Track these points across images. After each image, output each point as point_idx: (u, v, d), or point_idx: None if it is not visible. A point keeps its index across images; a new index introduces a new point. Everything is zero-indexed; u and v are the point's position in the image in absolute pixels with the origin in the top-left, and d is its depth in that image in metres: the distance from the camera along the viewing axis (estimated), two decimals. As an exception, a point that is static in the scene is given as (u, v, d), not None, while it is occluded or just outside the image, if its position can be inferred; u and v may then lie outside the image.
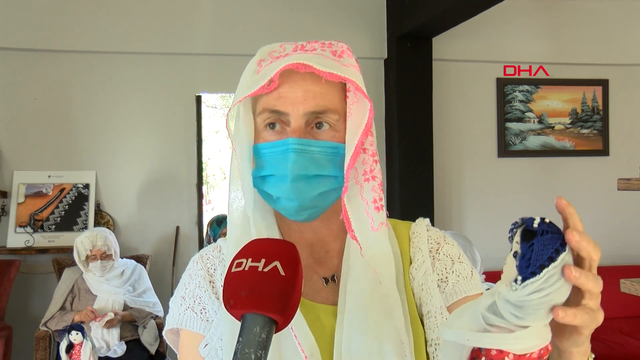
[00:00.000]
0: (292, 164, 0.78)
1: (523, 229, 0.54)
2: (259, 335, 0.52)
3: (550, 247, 0.52)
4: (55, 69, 3.90)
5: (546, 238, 0.52)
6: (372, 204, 0.82)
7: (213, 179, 12.60)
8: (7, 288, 3.58)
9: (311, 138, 0.80)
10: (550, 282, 0.52)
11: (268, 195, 0.82)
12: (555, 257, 0.52)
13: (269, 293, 0.53)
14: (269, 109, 0.80)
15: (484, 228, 4.25)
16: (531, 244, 0.52)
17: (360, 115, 0.81)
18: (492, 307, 0.55)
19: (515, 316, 0.53)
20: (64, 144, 3.91)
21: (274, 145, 0.80)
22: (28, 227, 3.77)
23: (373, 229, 0.82)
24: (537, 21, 4.44)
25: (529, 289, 0.52)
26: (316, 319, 0.83)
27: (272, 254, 0.56)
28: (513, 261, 0.54)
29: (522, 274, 0.52)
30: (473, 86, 4.38)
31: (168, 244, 4.00)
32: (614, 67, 4.54)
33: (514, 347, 0.54)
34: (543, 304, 0.52)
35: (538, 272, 0.52)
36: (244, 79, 0.84)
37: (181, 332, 0.89)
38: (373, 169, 0.83)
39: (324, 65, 0.78)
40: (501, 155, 4.39)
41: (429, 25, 3.75)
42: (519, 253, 0.53)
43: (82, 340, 2.85)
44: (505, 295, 0.54)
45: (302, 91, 0.79)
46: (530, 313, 0.53)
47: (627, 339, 3.75)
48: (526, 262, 0.52)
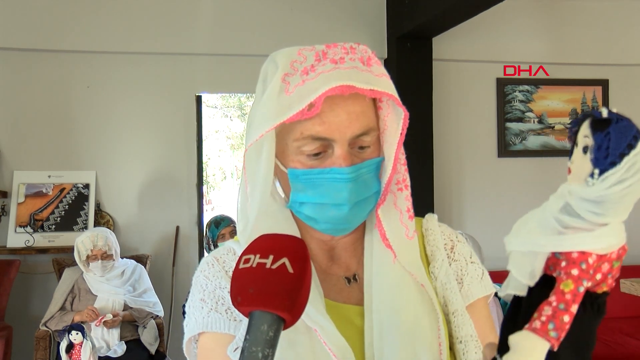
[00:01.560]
0: (349, 193, 0.76)
1: (592, 119, 0.50)
2: (267, 333, 0.52)
3: (629, 134, 0.48)
4: (55, 69, 3.89)
5: (622, 125, 0.49)
6: (407, 212, 0.83)
7: (213, 179, 12.58)
8: (7, 288, 3.57)
9: (357, 160, 0.78)
10: (633, 171, 0.48)
11: (311, 219, 0.81)
12: (635, 144, 0.48)
13: (277, 290, 0.52)
14: (311, 135, 0.75)
15: (484, 228, 4.24)
16: (607, 133, 0.48)
17: (394, 126, 0.80)
18: (565, 208, 0.51)
19: (595, 213, 0.49)
20: (64, 144, 3.91)
21: (323, 172, 0.77)
22: (28, 227, 3.76)
23: (408, 237, 0.83)
24: (537, 21, 4.44)
25: (609, 181, 0.48)
26: (344, 319, 0.82)
27: (280, 251, 0.55)
28: (584, 157, 0.50)
29: (599, 166, 0.48)
30: (473, 86, 4.38)
31: (168, 244, 4.00)
32: (614, 67, 4.54)
33: (596, 247, 0.50)
34: (624, 197, 0.48)
35: (618, 161, 0.48)
36: (269, 99, 0.75)
37: (203, 336, 0.84)
38: (405, 179, 0.83)
39: (365, 82, 0.74)
40: (501, 155, 4.39)
41: (429, 25, 3.75)
42: (592, 145, 0.49)
43: (82, 340, 2.84)
44: (581, 193, 0.49)
45: (346, 114, 0.75)
46: (612, 207, 0.49)
47: (627, 339, 3.75)
48: (604, 153, 0.48)
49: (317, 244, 0.87)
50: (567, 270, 0.50)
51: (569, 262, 0.50)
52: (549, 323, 0.50)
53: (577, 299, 0.50)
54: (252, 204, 0.81)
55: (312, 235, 0.87)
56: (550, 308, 0.50)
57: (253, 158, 0.80)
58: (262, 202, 0.80)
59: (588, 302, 0.51)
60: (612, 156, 0.48)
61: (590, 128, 0.50)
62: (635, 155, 0.48)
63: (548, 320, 0.50)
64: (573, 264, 0.50)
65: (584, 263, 0.50)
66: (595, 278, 0.51)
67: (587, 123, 0.50)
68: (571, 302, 0.50)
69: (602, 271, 0.51)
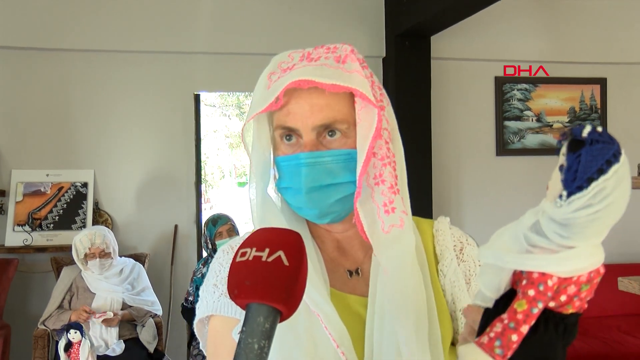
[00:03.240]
0: (304, 177, 0.82)
1: (571, 139, 0.48)
2: (263, 325, 0.52)
3: (601, 158, 0.46)
4: (53, 68, 3.89)
5: (596, 148, 0.46)
6: (382, 207, 0.84)
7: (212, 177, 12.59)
8: (6, 287, 3.57)
9: (323, 148, 0.83)
10: (600, 198, 0.45)
11: (291, 204, 0.88)
12: (606, 170, 0.46)
13: (273, 283, 0.53)
14: (280, 125, 0.85)
15: (482, 227, 4.25)
16: (578, 155, 0.46)
17: (369, 120, 0.82)
18: (535, 227, 0.50)
19: (560, 235, 0.47)
20: (62, 143, 3.91)
21: (289, 159, 0.84)
22: (26, 226, 3.76)
23: (384, 231, 0.84)
24: (535, 20, 4.44)
25: (574, 205, 0.46)
26: (348, 309, 0.86)
27: (276, 244, 0.56)
28: (559, 175, 0.48)
29: (567, 188, 0.47)
30: (471, 85, 4.39)
31: (167, 243, 4.00)
32: (613, 66, 4.54)
33: (557, 269, 0.48)
34: (591, 222, 0.46)
35: (585, 186, 0.46)
36: (256, 92, 0.86)
37: (213, 319, 0.90)
38: (382, 173, 0.84)
39: (327, 77, 0.80)
40: (499, 153, 4.40)
41: (427, 23, 3.76)
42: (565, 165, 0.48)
43: (81, 339, 2.84)
44: (550, 213, 0.48)
45: (309, 106, 0.82)
46: (577, 232, 0.47)
47: (625, 337, 3.76)
48: (572, 175, 0.47)
49: (325, 236, 0.92)
50: (524, 290, 0.50)
51: (529, 281, 0.50)
52: (496, 340, 0.49)
53: (529, 320, 0.49)
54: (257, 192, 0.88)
55: (318, 226, 0.91)
56: (501, 325, 0.49)
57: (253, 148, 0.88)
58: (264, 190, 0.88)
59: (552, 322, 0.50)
60: (579, 180, 0.46)
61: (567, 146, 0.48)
62: (604, 181, 0.46)
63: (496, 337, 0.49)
64: (531, 284, 0.49)
65: (542, 285, 0.49)
66: (559, 299, 0.50)
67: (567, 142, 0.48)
68: (522, 322, 0.49)
69: (567, 293, 0.49)
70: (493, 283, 0.53)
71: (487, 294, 0.53)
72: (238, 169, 13.18)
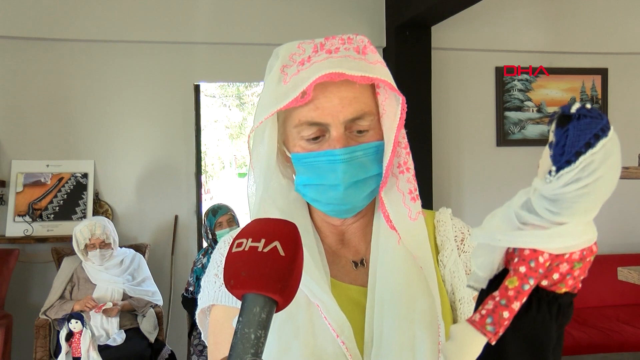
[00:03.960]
0: (342, 174, 0.80)
1: (559, 115, 0.48)
2: (259, 315, 0.52)
3: (589, 132, 0.46)
4: (53, 58, 3.88)
5: (584, 122, 0.46)
6: (409, 194, 0.85)
7: (212, 168, 12.59)
8: (7, 277, 3.59)
9: (354, 143, 0.82)
10: (588, 172, 0.46)
11: (315, 200, 0.86)
12: (594, 143, 0.46)
13: (268, 273, 0.53)
14: (307, 121, 0.81)
15: (482, 217, 4.19)
16: (566, 130, 0.47)
17: (393, 110, 0.83)
18: (526, 204, 0.50)
19: (550, 212, 0.48)
20: (62, 133, 3.91)
21: (318, 155, 0.82)
22: (27, 217, 3.77)
23: (411, 219, 0.85)
24: (536, 10, 4.42)
25: (563, 180, 0.46)
26: (348, 299, 0.86)
27: (272, 234, 0.56)
28: (548, 152, 0.48)
29: (556, 163, 0.47)
30: (472, 75, 4.37)
31: (167, 233, 4.01)
32: (614, 56, 4.53)
33: (547, 246, 0.48)
34: (581, 197, 0.46)
35: (574, 160, 0.46)
36: (268, 88, 0.82)
37: (214, 308, 0.91)
38: (407, 161, 0.86)
39: (354, 69, 0.78)
40: (500, 144, 4.40)
41: (427, 14, 3.74)
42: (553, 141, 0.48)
43: (82, 329, 2.85)
44: (540, 189, 0.49)
45: (338, 99, 0.80)
46: (567, 207, 0.47)
47: (624, 326, 3.77)
48: (560, 150, 0.47)
49: (329, 227, 0.92)
50: (515, 267, 0.50)
51: (520, 258, 0.50)
52: (488, 317, 0.49)
53: (520, 296, 0.49)
54: (257, 187, 0.87)
55: (324, 220, 0.91)
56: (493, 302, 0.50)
57: (257, 143, 0.86)
58: (265, 185, 0.86)
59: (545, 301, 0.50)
60: (567, 154, 0.46)
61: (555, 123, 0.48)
62: (592, 155, 0.46)
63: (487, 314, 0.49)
64: (523, 261, 0.49)
65: (533, 261, 0.49)
66: (551, 277, 0.50)
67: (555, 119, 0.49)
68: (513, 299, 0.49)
69: (559, 271, 0.49)
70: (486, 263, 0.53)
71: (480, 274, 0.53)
72: (238, 160, 13.19)
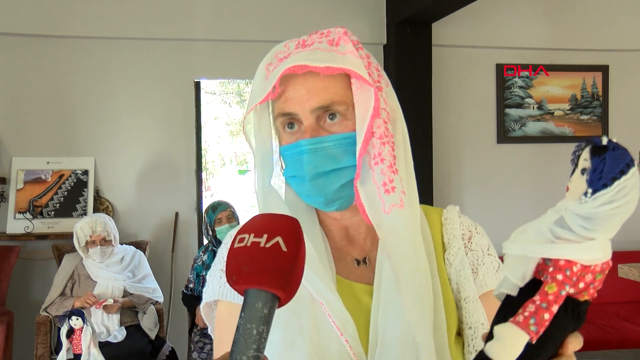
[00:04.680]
0: (306, 164, 0.82)
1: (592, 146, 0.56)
2: (261, 310, 0.52)
3: (622, 161, 0.54)
4: (54, 55, 3.88)
5: (618, 153, 0.54)
6: (382, 187, 0.83)
7: (212, 165, 12.60)
8: (8, 274, 3.59)
9: (324, 133, 0.83)
10: (621, 195, 0.54)
11: (298, 192, 0.88)
12: (626, 171, 0.54)
13: (270, 269, 0.53)
14: (280, 112, 0.85)
15: (483, 214, 4.26)
16: (603, 158, 0.54)
17: (366, 100, 0.82)
18: (559, 221, 0.57)
19: (585, 228, 0.55)
20: (62, 130, 3.91)
21: (291, 147, 0.84)
22: (27, 213, 3.77)
23: (385, 212, 0.83)
24: (537, 7, 4.42)
25: (600, 201, 0.54)
26: (353, 297, 0.85)
27: (274, 230, 0.56)
28: (581, 177, 0.56)
29: (593, 186, 0.54)
30: (473, 72, 4.37)
31: (167, 230, 4.01)
32: (614, 53, 4.52)
33: (581, 257, 0.56)
34: (612, 216, 0.54)
35: (610, 184, 0.53)
36: (255, 84, 0.86)
37: (219, 304, 0.92)
38: (381, 152, 0.83)
39: (320, 60, 0.80)
40: (500, 141, 4.39)
41: (428, 10, 3.73)
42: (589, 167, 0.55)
43: (83, 326, 2.85)
44: (574, 209, 0.55)
45: (305, 90, 0.82)
46: (600, 225, 0.55)
47: (624, 323, 3.77)
48: (598, 175, 0.54)
49: (333, 224, 0.92)
50: (553, 275, 0.57)
51: (556, 268, 0.56)
52: (531, 318, 0.56)
53: (559, 300, 0.56)
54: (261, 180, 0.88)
55: (326, 214, 0.91)
56: (534, 305, 0.56)
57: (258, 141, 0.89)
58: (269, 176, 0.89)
59: (570, 306, 0.58)
60: (604, 179, 0.54)
61: (590, 153, 0.55)
62: (625, 180, 0.53)
63: (530, 315, 0.56)
64: (559, 270, 0.56)
65: (568, 270, 0.56)
66: (578, 286, 0.57)
67: (588, 148, 0.56)
68: (552, 303, 0.56)
69: (585, 281, 0.57)
70: (519, 272, 0.59)
71: (514, 281, 0.60)
72: (238, 157, 13.19)
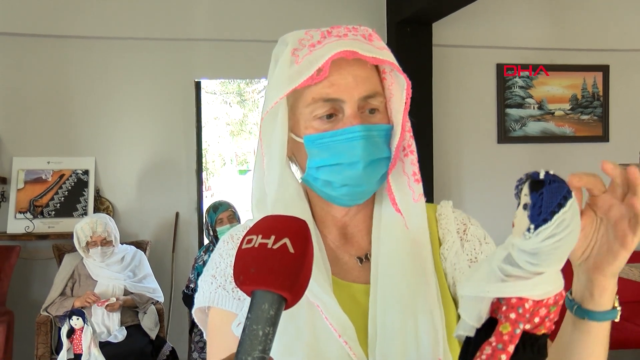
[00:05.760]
0: (362, 150, 0.80)
1: (530, 181, 0.57)
2: (267, 312, 0.52)
3: (559, 195, 0.54)
4: (54, 55, 3.88)
5: (554, 187, 0.55)
6: (412, 177, 0.86)
7: (212, 165, 12.59)
8: (8, 273, 3.59)
9: (369, 123, 0.82)
10: (562, 227, 0.54)
11: (328, 183, 0.83)
12: (564, 203, 0.54)
13: (277, 270, 0.53)
14: (322, 98, 0.81)
15: (483, 214, 4.23)
16: (541, 193, 0.55)
17: (399, 94, 0.84)
18: (507, 259, 0.57)
19: (531, 264, 0.56)
20: (63, 130, 3.90)
21: (335, 134, 0.81)
22: (28, 213, 3.77)
23: (415, 200, 0.86)
24: (537, 6, 4.41)
25: (542, 236, 0.54)
26: (350, 297, 0.85)
27: (282, 231, 0.56)
28: (523, 213, 0.56)
29: (534, 222, 0.55)
30: (473, 72, 4.37)
31: (168, 230, 4.01)
32: (615, 53, 4.52)
33: (532, 293, 0.56)
34: (556, 249, 0.55)
35: (549, 218, 0.54)
36: (281, 71, 0.81)
37: (211, 310, 0.90)
38: (411, 144, 0.87)
39: (366, 50, 0.80)
40: (501, 141, 4.39)
41: (428, 10, 3.73)
42: (529, 203, 0.56)
43: (83, 325, 2.86)
44: (520, 245, 0.56)
45: (352, 77, 0.81)
46: (545, 259, 0.55)
47: (624, 323, 3.77)
48: (537, 211, 0.55)
49: (332, 221, 0.90)
50: (506, 314, 0.57)
51: (509, 306, 0.57)
52: None
53: (514, 339, 0.56)
54: (271, 175, 0.85)
55: (327, 212, 0.90)
56: (490, 347, 0.56)
57: (268, 130, 0.85)
58: (281, 172, 0.84)
59: (528, 342, 0.58)
60: (544, 214, 0.54)
61: (528, 188, 0.56)
62: (564, 213, 0.54)
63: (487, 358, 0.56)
64: (511, 308, 0.57)
65: (520, 308, 0.57)
66: (533, 321, 0.57)
67: (527, 183, 0.57)
68: (508, 343, 0.56)
69: (539, 315, 0.58)
70: (474, 312, 0.60)
71: (470, 322, 0.60)
72: (239, 157, 13.19)
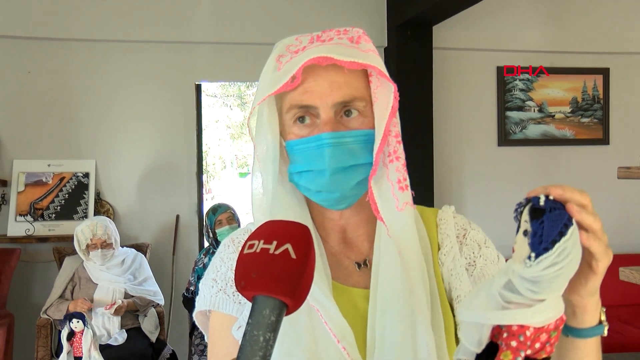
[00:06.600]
0: (328, 158, 0.79)
1: (530, 207, 0.56)
2: (269, 317, 0.52)
3: (560, 223, 0.54)
4: (55, 58, 3.88)
5: (555, 214, 0.54)
6: (397, 184, 0.83)
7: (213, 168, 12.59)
8: (9, 276, 3.59)
9: (343, 128, 0.81)
10: (563, 256, 0.54)
11: (307, 189, 0.84)
12: (565, 232, 0.54)
13: (279, 276, 0.53)
14: (296, 105, 0.81)
15: (484, 217, 4.25)
16: (541, 221, 0.54)
17: (385, 99, 0.82)
18: (508, 285, 0.57)
19: (532, 291, 0.55)
20: (63, 133, 3.91)
21: (307, 141, 0.81)
22: (28, 216, 3.77)
23: (398, 209, 0.83)
24: (538, 9, 4.42)
25: (543, 264, 0.54)
26: (350, 302, 0.84)
27: (284, 236, 0.56)
28: (524, 239, 0.56)
29: (535, 250, 0.54)
30: (473, 75, 4.37)
31: (168, 233, 4.00)
32: (615, 56, 4.52)
33: (533, 321, 0.56)
34: (557, 277, 0.54)
35: (550, 247, 0.53)
36: (264, 77, 0.83)
37: (212, 314, 0.90)
38: (397, 150, 0.84)
39: (344, 55, 0.78)
40: (501, 144, 4.39)
41: (429, 13, 3.74)
42: (530, 231, 0.55)
43: (83, 328, 2.85)
44: (521, 273, 0.55)
45: (327, 83, 0.80)
46: (546, 287, 0.55)
47: (625, 326, 3.77)
48: (538, 239, 0.54)
49: (330, 225, 0.90)
50: (507, 342, 0.57)
51: (509, 334, 0.57)
52: None
53: None
54: (266, 179, 0.85)
55: (324, 215, 0.89)
56: None
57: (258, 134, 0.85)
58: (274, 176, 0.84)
59: None
60: (545, 242, 0.54)
61: (529, 214, 0.56)
62: (565, 242, 0.54)
63: None
64: (512, 336, 0.57)
65: (522, 335, 0.57)
66: (534, 347, 0.57)
67: (527, 209, 0.56)
68: None
69: (540, 341, 0.57)
70: (474, 338, 0.60)
71: (470, 348, 0.60)
72: (239, 160, 13.19)
